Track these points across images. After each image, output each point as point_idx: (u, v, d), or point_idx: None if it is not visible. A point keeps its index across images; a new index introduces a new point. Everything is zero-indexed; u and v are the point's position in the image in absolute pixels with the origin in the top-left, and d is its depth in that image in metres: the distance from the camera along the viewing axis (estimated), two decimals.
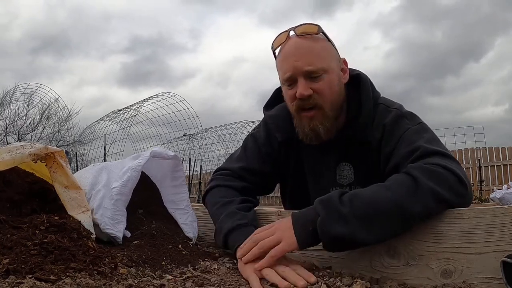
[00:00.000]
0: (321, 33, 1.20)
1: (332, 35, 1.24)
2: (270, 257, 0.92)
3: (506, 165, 9.49)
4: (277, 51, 1.25)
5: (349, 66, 1.28)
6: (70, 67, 29.23)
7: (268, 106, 1.39)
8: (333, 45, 1.24)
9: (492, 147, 9.85)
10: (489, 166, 9.70)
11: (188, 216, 1.39)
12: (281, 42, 1.21)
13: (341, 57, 1.25)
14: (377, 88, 1.27)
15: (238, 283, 0.91)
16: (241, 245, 1.02)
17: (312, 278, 0.87)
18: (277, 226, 0.98)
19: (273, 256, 0.92)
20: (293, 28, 1.20)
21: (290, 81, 1.18)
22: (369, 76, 1.27)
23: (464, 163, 9.69)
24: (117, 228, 1.20)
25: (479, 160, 9.68)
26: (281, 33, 1.22)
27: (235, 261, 1.06)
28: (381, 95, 1.27)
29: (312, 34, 1.19)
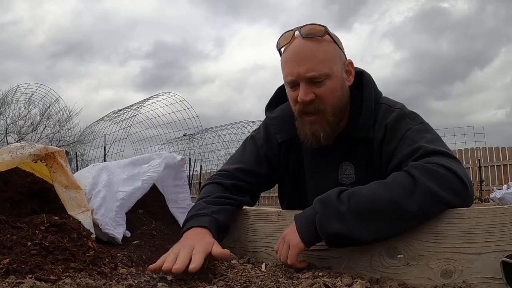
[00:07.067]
0: (327, 34, 1.17)
1: (349, 44, 1.22)
2: (291, 265, 0.99)
3: (506, 165, 9.46)
4: (282, 50, 1.23)
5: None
6: (90, 71, 29.20)
7: (270, 106, 1.38)
8: (340, 47, 1.21)
9: (492, 147, 9.83)
10: (489, 166, 9.68)
11: None
12: (286, 42, 1.19)
13: (346, 59, 1.22)
14: (386, 94, 1.27)
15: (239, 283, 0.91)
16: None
17: (194, 265, 0.90)
18: (285, 234, 1.03)
19: (291, 263, 0.99)
20: (299, 28, 1.17)
21: (292, 84, 1.17)
22: (375, 79, 1.26)
23: (464, 163, 9.66)
24: (118, 230, 1.21)
25: (479, 160, 9.67)
26: (286, 32, 1.20)
27: None
28: (383, 95, 1.26)
29: (317, 36, 1.16)
